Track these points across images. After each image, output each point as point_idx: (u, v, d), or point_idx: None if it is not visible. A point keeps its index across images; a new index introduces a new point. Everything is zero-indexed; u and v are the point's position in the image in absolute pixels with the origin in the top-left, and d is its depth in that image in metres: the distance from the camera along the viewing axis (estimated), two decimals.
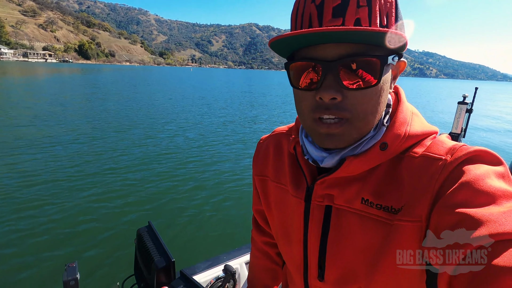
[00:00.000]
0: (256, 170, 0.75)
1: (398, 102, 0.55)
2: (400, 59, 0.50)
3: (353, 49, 0.44)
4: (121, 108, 14.28)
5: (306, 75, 0.47)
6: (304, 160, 0.59)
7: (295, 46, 0.47)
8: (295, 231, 0.62)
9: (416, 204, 0.45)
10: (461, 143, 0.48)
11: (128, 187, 5.31)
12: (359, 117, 0.46)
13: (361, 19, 0.43)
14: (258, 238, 0.88)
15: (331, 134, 0.48)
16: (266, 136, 0.76)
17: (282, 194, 0.66)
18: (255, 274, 0.91)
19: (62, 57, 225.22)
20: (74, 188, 5.11)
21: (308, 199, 0.58)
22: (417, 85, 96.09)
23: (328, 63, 0.44)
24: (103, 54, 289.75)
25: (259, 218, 0.84)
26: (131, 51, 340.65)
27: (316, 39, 0.43)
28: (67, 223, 4.01)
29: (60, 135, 8.49)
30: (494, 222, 0.35)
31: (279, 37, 0.44)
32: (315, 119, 0.48)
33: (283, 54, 0.51)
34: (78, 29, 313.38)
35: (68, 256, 3.36)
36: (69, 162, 6.34)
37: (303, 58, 0.47)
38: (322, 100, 0.46)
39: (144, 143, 8.24)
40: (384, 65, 0.45)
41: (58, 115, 11.53)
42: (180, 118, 12.18)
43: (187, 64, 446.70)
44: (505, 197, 0.38)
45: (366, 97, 0.45)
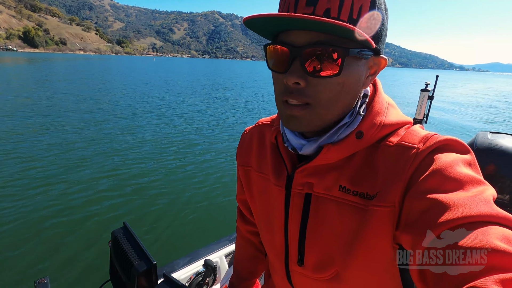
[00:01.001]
0: (240, 160, 0.77)
1: (375, 93, 0.58)
2: (380, 56, 0.51)
3: (322, 38, 0.45)
4: (85, 101, 13.52)
5: (278, 58, 0.49)
6: (284, 149, 0.61)
7: (272, 29, 0.49)
8: (277, 219, 0.64)
9: (389, 190, 0.48)
10: (433, 133, 0.50)
11: (98, 188, 4.99)
12: (320, 104, 0.48)
13: (330, 9, 0.44)
14: (242, 227, 0.91)
15: (294, 116, 0.49)
16: (250, 127, 0.78)
17: (264, 183, 0.68)
18: (240, 262, 0.95)
19: (5, 45, 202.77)
20: (34, 189, 4.78)
21: (289, 187, 0.60)
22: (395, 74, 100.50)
23: (296, 48, 0.46)
24: (53, 42, 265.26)
25: (243, 207, 0.87)
26: (85, 39, 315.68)
27: (289, 24, 0.45)
28: (32, 230, 3.71)
29: (14, 133, 7.87)
30: (461, 206, 0.37)
31: (251, 17, 0.45)
32: (283, 101, 0.50)
33: (267, 36, 0.52)
34: (22, 13, 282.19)
35: (35, 267, 3.09)
36: (28, 161, 5.93)
37: (278, 42, 0.49)
38: (287, 84, 0.48)
39: (115, 139, 7.86)
40: (345, 57, 0.46)
41: (11, 108, 10.74)
42: (151, 113, 11.77)
43: (147, 53, 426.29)
44: (471, 183, 0.40)
45: (328, 86, 0.47)
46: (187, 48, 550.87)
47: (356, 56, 0.47)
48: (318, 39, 0.45)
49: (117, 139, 7.84)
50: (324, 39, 0.45)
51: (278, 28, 0.48)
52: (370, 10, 0.47)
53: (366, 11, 0.46)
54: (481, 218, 0.36)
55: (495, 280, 0.30)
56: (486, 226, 0.35)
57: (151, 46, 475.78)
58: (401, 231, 0.46)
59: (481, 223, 0.36)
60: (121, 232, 1.18)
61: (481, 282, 0.30)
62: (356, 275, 0.56)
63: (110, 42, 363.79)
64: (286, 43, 0.47)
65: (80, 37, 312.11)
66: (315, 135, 0.55)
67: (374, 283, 0.57)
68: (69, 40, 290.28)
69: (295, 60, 0.47)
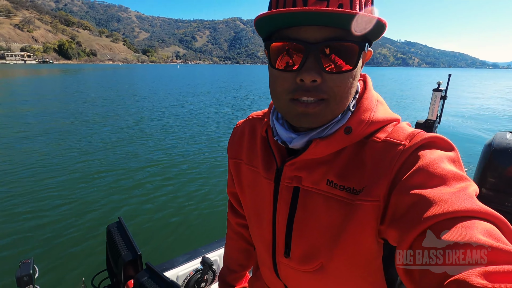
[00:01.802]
0: (231, 153, 0.77)
1: (365, 89, 0.58)
2: (368, 48, 0.52)
3: (335, 33, 0.44)
4: (104, 107, 14.75)
5: (286, 55, 0.48)
6: (274, 142, 0.61)
7: (279, 25, 0.47)
8: (265, 212, 0.65)
9: (375, 185, 0.49)
10: (419, 130, 0.51)
11: (101, 183, 5.38)
12: (336, 99, 0.48)
13: (343, 4, 0.44)
14: (233, 220, 0.91)
15: (308, 114, 0.49)
16: (242, 120, 0.78)
17: (254, 176, 0.68)
18: (230, 254, 0.95)
19: (42, 58, 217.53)
20: (44, 184, 5.27)
21: (278, 181, 0.61)
22: (400, 74, 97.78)
23: (311, 45, 0.45)
24: (84, 53, 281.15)
25: (233, 200, 0.87)
26: (114, 50, 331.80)
27: (301, 19, 0.44)
28: (40, 221, 4.10)
29: (32, 132, 9.00)
30: (446, 202, 0.38)
31: (269, 13, 0.44)
32: (292, 100, 0.49)
33: (263, 33, 0.51)
34: (57, 28, 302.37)
35: (43, 255, 3.41)
36: (40, 156, 6.73)
37: (286, 38, 0.47)
38: (303, 81, 0.47)
39: (128, 140, 8.54)
40: (361, 51, 0.47)
41: (34, 113, 12.16)
42: (164, 116, 12.60)
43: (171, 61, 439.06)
44: (455, 179, 0.42)
45: (343, 80, 0.47)
46: (209, 55, 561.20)
47: (364, 50, 0.48)
48: (335, 34, 0.44)
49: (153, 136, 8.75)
50: (336, 34, 0.44)
51: (285, 24, 0.47)
52: (372, 4, 0.48)
53: (369, 4, 0.47)
54: (465, 213, 0.37)
55: (478, 273, 0.30)
56: (470, 221, 0.36)
57: (174, 54, 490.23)
58: (387, 226, 0.47)
59: (464, 218, 0.36)
60: (115, 226, 1.27)
61: (465, 275, 0.31)
62: (340, 267, 0.57)
63: (136, 51, 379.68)
64: (298, 39, 0.46)
65: (109, 48, 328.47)
66: (306, 130, 0.55)
67: (358, 275, 0.58)
68: (99, 51, 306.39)
69: (309, 56, 0.46)
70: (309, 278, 0.62)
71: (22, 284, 0.96)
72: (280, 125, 0.59)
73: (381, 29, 0.46)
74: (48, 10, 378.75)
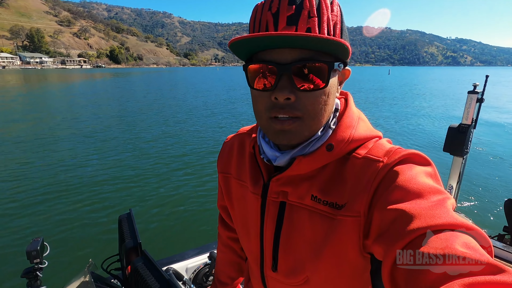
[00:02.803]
0: (221, 168, 0.78)
1: (345, 107, 0.60)
2: (345, 67, 0.55)
3: (305, 55, 0.48)
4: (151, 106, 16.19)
5: (262, 76, 0.51)
6: (261, 159, 0.63)
7: (253, 49, 0.51)
8: (253, 226, 0.67)
9: (356, 201, 0.51)
10: (397, 146, 0.54)
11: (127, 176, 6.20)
12: (310, 116, 0.51)
13: (311, 28, 0.47)
14: (223, 233, 0.93)
15: (285, 131, 0.51)
16: (232, 135, 0.80)
17: (242, 190, 0.70)
18: (221, 268, 0.97)
19: (96, 63, 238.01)
20: (82, 175, 6.21)
21: (265, 195, 0.62)
22: (449, 74, 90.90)
23: (283, 66, 0.48)
24: (132, 58, 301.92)
25: (223, 214, 0.88)
26: (158, 54, 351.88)
27: (272, 42, 0.47)
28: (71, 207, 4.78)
29: (69, 131, 10.31)
30: (425, 216, 0.40)
31: (239, 38, 0.47)
32: (270, 118, 0.52)
33: (241, 56, 0.54)
34: (109, 35, 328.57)
35: (63, 237, 4.00)
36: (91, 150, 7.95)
37: (260, 61, 0.51)
38: (277, 100, 0.49)
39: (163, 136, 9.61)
40: (331, 70, 0.50)
41: (84, 115, 13.78)
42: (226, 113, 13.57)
43: (210, 63, 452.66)
44: (433, 193, 0.44)
45: (315, 98, 0.50)
46: None
47: (335, 68, 0.51)
48: (304, 55, 0.48)
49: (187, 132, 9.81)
50: (308, 55, 0.48)
51: (258, 48, 0.50)
52: (341, 28, 0.51)
53: (339, 28, 0.50)
54: (443, 226, 0.38)
55: (461, 284, 0.31)
56: (449, 234, 0.37)
57: (213, 57, 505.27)
58: (372, 241, 0.48)
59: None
60: (125, 217, 1.38)
61: (448, 286, 0.32)
62: (325, 280, 0.58)
63: (178, 55, 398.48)
64: (271, 61, 0.49)
65: (154, 53, 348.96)
66: (289, 148, 0.58)
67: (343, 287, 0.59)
68: (145, 56, 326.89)
69: (282, 76, 0.49)
70: None
71: (31, 258, 1.07)
72: (266, 143, 0.61)
73: (346, 49, 0.48)
74: (102, 19, 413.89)
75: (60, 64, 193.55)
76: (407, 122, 13.16)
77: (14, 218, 4.57)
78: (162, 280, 0.93)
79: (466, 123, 3.56)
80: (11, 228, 4.29)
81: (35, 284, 1.11)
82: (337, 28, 0.50)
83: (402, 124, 12.78)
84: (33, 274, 1.10)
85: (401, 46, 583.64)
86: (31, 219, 4.57)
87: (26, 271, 1.10)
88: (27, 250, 1.08)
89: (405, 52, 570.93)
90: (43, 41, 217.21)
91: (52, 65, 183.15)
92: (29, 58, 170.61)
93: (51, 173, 6.44)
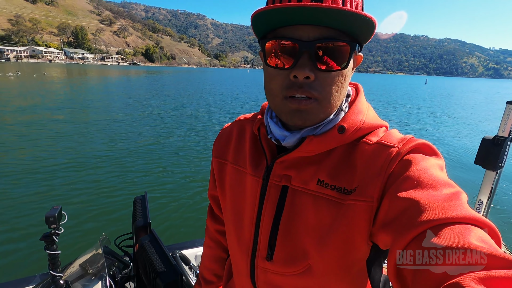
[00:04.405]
0: (216, 153, 0.76)
1: (357, 95, 0.60)
2: (359, 52, 0.53)
3: (328, 33, 0.46)
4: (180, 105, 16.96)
5: (281, 53, 0.49)
6: (266, 140, 0.62)
7: (274, 23, 0.48)
8: (249, 211, 0.64)
9: (369, 186, 0.50)
10: (410, 135, 0.53)
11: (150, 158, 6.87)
12: (327, 97, 0.50)
13: (337, 2, 0.45)
14: (211, 226, 0.90)
15: (300, 110, 0.50)
16: (229, 124, 0.78)
17: (238, 176, 0.68)
18: (206, 264, 0.92)
19: (132, 60, 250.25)
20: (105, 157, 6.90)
21: (267, 178, 0.60)
22: (490, 85, 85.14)
23: (306, 43, 0.46)
24: (165, 57, 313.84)
25: (214, 204, 0.86)
26: (189, 54, 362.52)
27: (296, 17, 0.45)
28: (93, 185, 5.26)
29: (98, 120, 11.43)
30: (440, 208, 0.39)
31: (265, 8, 0.44)
32: (286, 97, 0.50)
33: (259, 32, 0.52)
34: (145, 34, 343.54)
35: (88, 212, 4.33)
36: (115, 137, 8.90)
37: (281, 37, 0.49)
38: (297, 78, 0.48)
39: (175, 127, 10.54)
40: (353, 52, 0.48)
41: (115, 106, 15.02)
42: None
43: (239, 65, 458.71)
44: (447, 186, 0.43)
45: (333, 79, 0.49)
46: None
47: (355, 50, 0.49)
48: (328, 34, 0.46)
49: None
50: (329, 34, 0.46)
51: (280, 23, 0.48)
52: (361, 6, 0.49)
53: (359, 6, 0.48)
54: (458, 219, 0.38)
55: (474, 277, 0.31)
56: (464, 227, 0.37)
57: (243, 59, 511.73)
58: (378, 229, 0.47)
59: (458, 224, 0.37)
60: (139, 198, 1.46)
61: (461, 279, 0.31)
62: (328, 268, 0.56)
63: (209, 56, 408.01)
64: (293, 38, 0.47)
65: (186, 53, 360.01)
66: (298, 128, 0.56)
67: (344, 277, 0.57)
68: (177, 55, 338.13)
69: (303, 54, 0.47)
70: (292, 281, 0.60)
71: (49, 223, 1.13)
72: (274, 123, 0.60)
73: (371, 29, 0.46)
74: (139, 19, 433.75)
75: (99, 61, 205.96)
76: (439, 131, 12.96)
77: (40, 186, 5.25)
78: (164, 257, 0.96)
79: (502, 135, 3.57)
80: (35, 195, 4.88)
81: (51, 248, 1.18)
82: (359, 8, 0.48)
83: (431, 132, 12.63)
84: (50, 239, 1.17)
85: (438, 56, 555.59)
86: (53, 189, 5.16)
87: (44, 235, 1.17)
88: (46, 215, 1.14)
89: (442, 61, 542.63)
90: (86, 38, 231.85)
91: (93, 61, 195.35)
92: (72, 53, 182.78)
93: (85, 153, 7.23)
